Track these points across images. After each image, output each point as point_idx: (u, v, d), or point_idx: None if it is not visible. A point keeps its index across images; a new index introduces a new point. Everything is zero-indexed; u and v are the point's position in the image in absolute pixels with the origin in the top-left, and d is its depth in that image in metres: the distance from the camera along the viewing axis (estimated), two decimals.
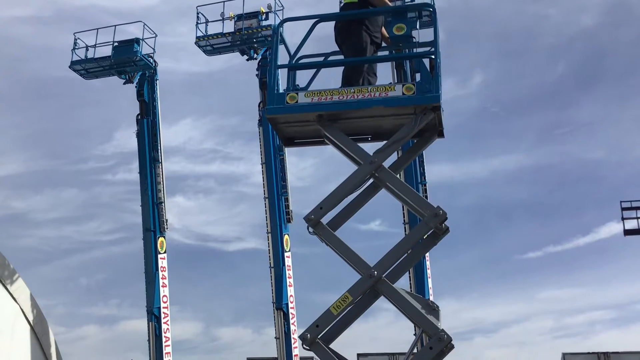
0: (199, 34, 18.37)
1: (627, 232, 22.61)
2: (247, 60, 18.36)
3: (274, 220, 17.05)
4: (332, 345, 5.68)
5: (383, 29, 6.96)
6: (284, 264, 16.83)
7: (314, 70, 6.56)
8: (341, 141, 6.04)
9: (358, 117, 6.07)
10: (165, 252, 17.32)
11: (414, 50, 6.50)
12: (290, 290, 16.90)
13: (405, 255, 5.78)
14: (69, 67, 18.72)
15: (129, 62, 18.07)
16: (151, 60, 18.27)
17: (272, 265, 16.90)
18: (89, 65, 18.55)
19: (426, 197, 16.22)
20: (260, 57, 17.96)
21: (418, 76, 6.24)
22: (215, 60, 25.32)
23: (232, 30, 18.13)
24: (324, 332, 5.51)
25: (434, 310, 5.64)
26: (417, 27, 6.37)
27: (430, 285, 15.42)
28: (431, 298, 15.69)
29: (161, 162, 17.65)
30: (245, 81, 18.84)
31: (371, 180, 6.06)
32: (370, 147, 6.12)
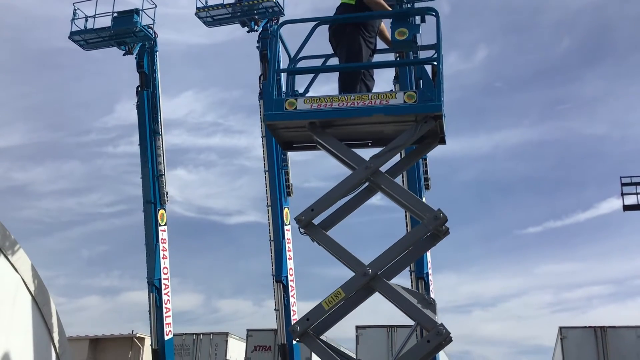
0: (199, 4, 18.22)
1: (627, 208, 22.65)
2: (248, 32, 18.23)
3: (274, 194, 17.09)
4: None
5: (385, 30, 6.88)
6: (283, 237, 16.92)
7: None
8: (334, 147, 5.97)
9: (357, 124, 5.98)
10: (165, 225, 17.40)
11: (415, 55, 6.38)
12: (290, 263, 17.00)
13: (402, 254, 5.71)
14: (69, 37, 18.59)
15: (128, 33, 17.93)
16: (151, 32, 18.13)
17: (272, 238, 16.99)
18: (88, 36, 18.41)
19: (426, 172, 16.19)
20: (260, 29, 17.82)
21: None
22: (217, 32, 25.20)
23: (233, 1, 17.98)
24: (315, 323, 5.52)
25: (430, 304, 5.63)
26: (420, 31, 6.17)
27: (429, 259, 15.48)
28: (430, 272, 15.76)
29: (161, 135, 17.63)
30: (247, 54, 18.70)
31: (367, 184, 5.99)
32: (371, 153, 6.04)
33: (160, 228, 17.13)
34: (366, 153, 6.04)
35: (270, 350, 23.48)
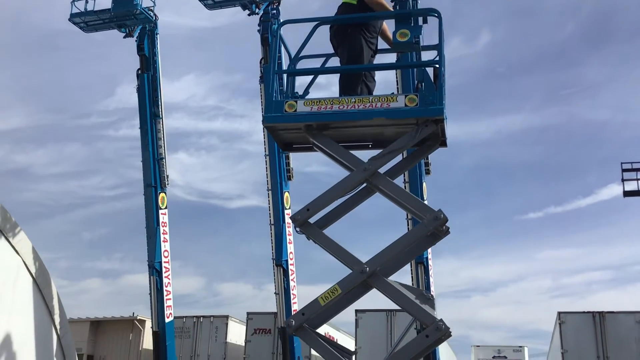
0: None
1: (627, 194, 22.66)
2: (249, 15, 18.12)
3: (274, 178, 17.09)
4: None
5: (387, 30, 6.81)
6: (284, 221, 16.95)
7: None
8: (331, 149, 5.92)
9: (357, 126, 5.92)
10: (166, 208, 17.42)
11: (417, 57, 6.25)
12: (290, 247, 17.05)
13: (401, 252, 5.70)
14: (69, 19, 18.49)
15: (128, 16, 17.83)
16: (151, 14, 18.02)
17: (272, 222, 17.02)
18: (88, 18, 18.31)
19: (427, 156, 16.13)
20: (262, 12, 17.71)
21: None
22: (219, 14, 25.05)
23: None
24: (312, 317, 5.54)
25: (428, 299, 5.65)
26: (422, 33, 6.07)
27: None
28: (429, 257, 15.79)
29: (162, 118, 17.60)
30: (249, 37, 18.57)
31: (364, 185, 5.95)
32: (371, 154, 5.97)
33: (160, 211, 17.15)
34: (366, 154, 6.00)
35: (270, 333, 23.62)
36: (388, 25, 6.88)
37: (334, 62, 6.68)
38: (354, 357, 5.97)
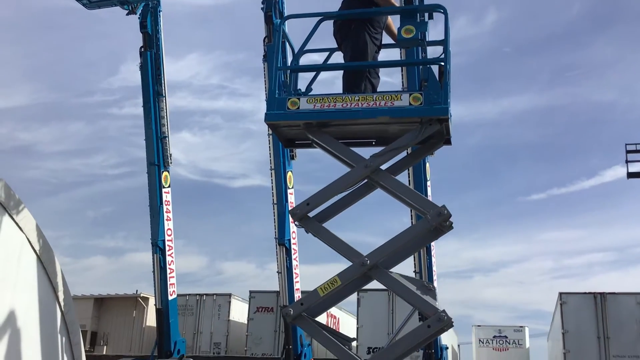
0: None
1: (631, 175, 22.63)
2: None
3: (277, 157, 17.06)
4: None
5: (392, 25, 6.71)
6: (286, 201, 16.94)
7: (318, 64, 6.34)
8: (331, 146, 5.85)
9: (360, 123, 5.84)
10: (169, 187, 17.44)
11: (422, 53, 6.15)
12: (293, 227, 17.06)
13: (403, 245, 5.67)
14: None
15: None
16: None
17: (275, 201, 17.02)
18: None
19: None
20: None
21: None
22: None
23: None
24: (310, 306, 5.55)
25: (430, 290, 5.65)
26: (427, 29, 5.96)
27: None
28: None
29: (165, 96, 17.53)
30: (253, 15, 18.43)
31: (365, 181, 5.89)
32: (373, 150, 5.92)
33: (163, 190, 17.16)
34: (369, 151, 5.93)
35: (273, 312, 23.81)
36: (393, 20, 6.78)
37: (338, 56, 6.58)
38: (354, 342, 5.98)
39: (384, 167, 5.80)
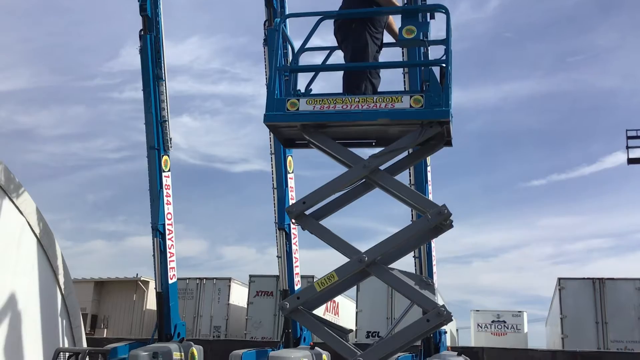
0: None
1: (631, 161, 22.61)
2: None
3: (277, 142, 17.01)
4: None
5: (393, 23, 6.62)
6: (286, 185, 16.93)
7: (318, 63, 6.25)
8: (328, 147, 5.80)
9: (359, 125, 5.76)
10: (169, 171, 17.40)
11: (423, 54, 6.09)
12: None
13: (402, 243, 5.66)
14: None
15: None
16: None
17: (275, 186, 17.02)
18: None
19: None
20: None
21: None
22: None
23: None
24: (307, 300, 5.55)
25: (428, 285, 5.63)
26: (429, 30, 5.86)
27: (430, 197, 15.57)
28: None
29: (165, 80, 17.44)
30: None
31: (363, 181, 5.85)
32: (372, 151, 5.88)
33: (163, 174, 17.11)
34: (369, 152, 5.89)
35: (272, 296, 23.92)
36: (394, 19, 6.69)
37: (339, 54, 6.50)
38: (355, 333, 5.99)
39: (383, 166, 5.76)
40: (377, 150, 5.77)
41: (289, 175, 17.11)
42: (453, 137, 5.80)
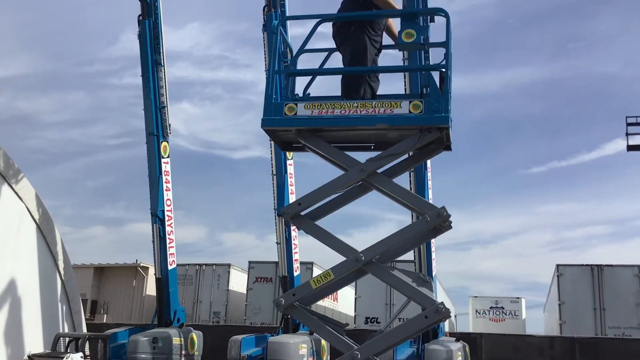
0: None
1: (631, 148, 22.53)
2: None
3: None
4: None
5: (393, 26, 6.55)
6: (286, 172, 16.94)
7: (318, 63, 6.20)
8: (324, 151, 5.75)
9: (358, 129, 5.70)
10: (168, 157, 17.39)
11: (423, 58, 6.00)
12: (292, 198, 17.11)
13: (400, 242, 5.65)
14: None
15: None
16: None
17: (274, 172, 17.02)
18: None
19: None
20: None
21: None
22: None
23: None
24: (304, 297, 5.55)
25: (425, 282, 5.62)
26: (429, 34, 5.76)
27: (430, 196, 15.58)
28: None
29: (163, 66, 17.38)
30: None
31: (360, 183, 5.80)
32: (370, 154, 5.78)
33: (163, 160, 17.11)
34: (367, 155, 5.80)
35: (272, 282, 24.01)
36: (393, 22, 6.61)
37: (337, 57, 6.43)
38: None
39: (381, 169, 5.71)
40: (376, 154, 5.73)
41: (288, 162, 17.11)
42: (452, 137, 5.74)
